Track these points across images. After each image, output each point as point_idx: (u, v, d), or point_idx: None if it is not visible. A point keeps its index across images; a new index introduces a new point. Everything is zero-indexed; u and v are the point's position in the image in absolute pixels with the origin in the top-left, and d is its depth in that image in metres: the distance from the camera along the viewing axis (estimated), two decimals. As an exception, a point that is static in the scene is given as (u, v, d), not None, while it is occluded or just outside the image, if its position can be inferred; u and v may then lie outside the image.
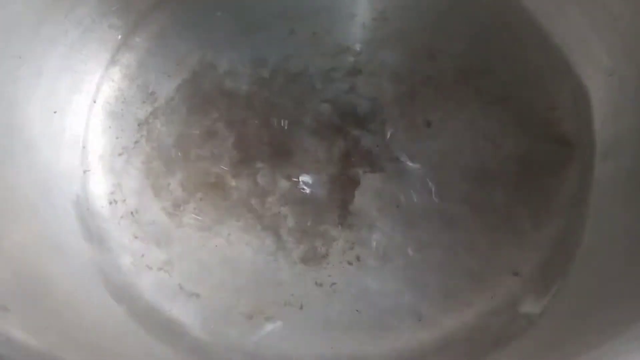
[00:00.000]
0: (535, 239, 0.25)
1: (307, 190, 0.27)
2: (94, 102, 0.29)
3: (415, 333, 0.23)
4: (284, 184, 0.27)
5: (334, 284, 0.25)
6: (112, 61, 0.30)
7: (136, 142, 0.28)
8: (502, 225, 0.25)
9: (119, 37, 0.30)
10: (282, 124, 0.29)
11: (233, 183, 0.27)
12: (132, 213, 0.26)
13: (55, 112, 0.27)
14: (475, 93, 0.29)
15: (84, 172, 0.27)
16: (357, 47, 0.31)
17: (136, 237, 0.25)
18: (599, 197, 0.25)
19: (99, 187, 0.27)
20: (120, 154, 0.28)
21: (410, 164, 0.27)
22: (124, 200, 0.27)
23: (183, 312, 0.24)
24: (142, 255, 0.25)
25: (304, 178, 0.27)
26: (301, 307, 0.24)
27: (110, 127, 0.29)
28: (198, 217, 0.26)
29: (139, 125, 0.29)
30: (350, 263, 0.25)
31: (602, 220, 0.25)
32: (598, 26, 0.26)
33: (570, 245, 0.25)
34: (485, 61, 0.30)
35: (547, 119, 0.28)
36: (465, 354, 0.22)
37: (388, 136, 0.28)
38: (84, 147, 0.28)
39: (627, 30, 0.25)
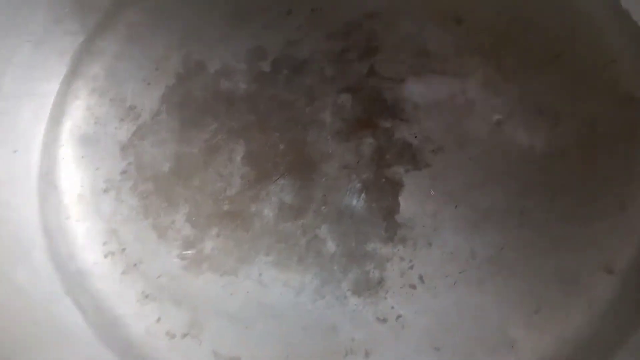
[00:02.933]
0: (624, 221, 0.21)
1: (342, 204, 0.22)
2: (60, 128, 0.23)
3: (510, 364, 0.19)
4: (313, 200, 0.22)
5: (399, 316, 0.20)
6: (74, 74, 0.24)
7: (123, 172, 0.23)
8: (581, 213, 0.21)
9: (78, 43, 0.24)
10: (297, 126, 0.24)
11: (252, 208, 0.22)
12: (135, 265, 0.21)
13: (15, 152, 0.21)
14: (520, 56, 0.24)
15: (66, 219, 0.21)
16: (369, 20, 0.26)
17: (146, 296, 0.20)
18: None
19: (88, 238, 0.21)
20: (105, 190, 0.22)
21: (459, 152, 0.23)
22: (123, 250, 0.21)
23: (224, 385, 0.19)
24: (159, 320, 0.20)
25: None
26: (367, 355, 0.20)
27: (83, 156, 0.23)
28: (219, 259, 0.21)
29: (121, 149, 0.23)
30: (413, 287, 0.21)
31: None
32: None
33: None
34: (526, 17, 0.25)
35: (606, 76, 0.24)
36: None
37: (426, 124, 0.24)
38: (56, 187, 0.22)
39: None
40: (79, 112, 0.24)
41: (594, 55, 0.24)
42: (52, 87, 0.24)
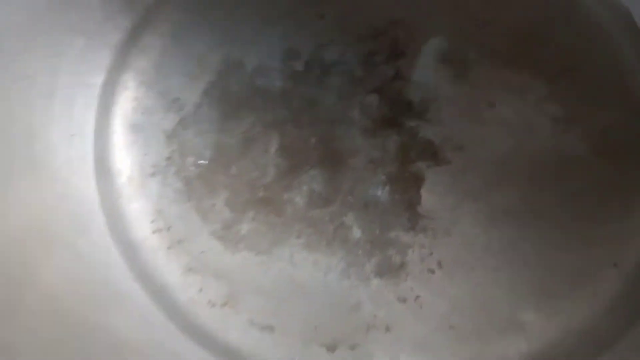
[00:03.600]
0: (630, 224, 0.23)
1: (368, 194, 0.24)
2: (112, 116, 0.25)
3: (519, 345, 0.21)
4: (341, 190, 0.24)
5: (418, 297, 0.22)
6: (123, 67, 0.26)
7: (168, 158, 0.25)
8: (591, 214, 0.23)
9: (127, 38, 0.27)
10: (327, 123, 0.26)
11: (285, 196, 0.24)
12: (179, 242, 0.23)
13: (72, 135, 0.23)
14: (537, 66, 0.26)
15: (118, 198, 0.23)
16: (395, 24, 0.28)
17: (190, 269, 0.22)
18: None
19: (138, 217, 0.23)
20: (152, 174, 0.24)
21: (479, 151, 0.25)
22: (169, 229, 0.23)
23: (260, 350, 0.21)
24: (200, 290, 0.22)
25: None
26: (387, 329, 0.21)
27: (133, 143, 0.25)
28: (254, 240, 0.23)
29: (167, 137, 0.25)
30: (431, 271, 0.22)
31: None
32: None
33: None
34: (544, 27, 0.27)
35: (621, 86, 0.25)
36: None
37: (448, 123, 0.26)
38: (109, 170, 0.24)
39: None
40: (128, 102, 0.26)
41: (609, 67, 0.26)
42: (103, 79, 0.26)
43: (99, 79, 0.26)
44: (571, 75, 0.26)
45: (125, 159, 0.25)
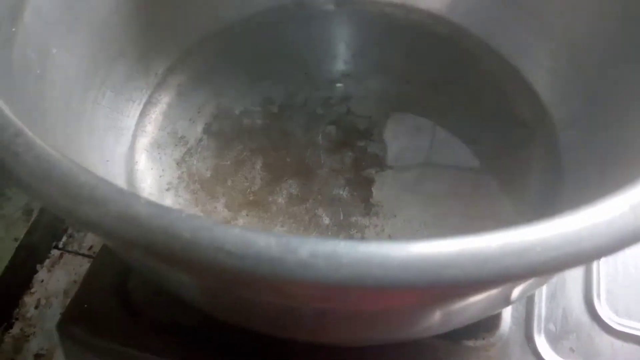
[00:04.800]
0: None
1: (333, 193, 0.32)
2: (135, 150, 0.33)
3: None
4: (312, 192, 0.32)
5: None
6: (143, 115, 0.35)
7: (179, 177, 0.32)
8: (493, 195, 0.32)
9: (146, 95, 0.35)
10: (298, 147, 0.34)
11: (270, 198, 0.32)
12: (191, 234, 0.30)
13: (107, 161, 0.31)
14: (450, 102, 0.36)
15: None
16: (345, 78, 0.38)
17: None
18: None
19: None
20: (167, 189, 0.32)
21: (411, 158, 0.33)
22: (182, 225, 0.30)
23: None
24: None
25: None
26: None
27: (152, 168, 0.33)
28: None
29: (177, 164, 0.33)
30: (384, 242, 0.30)
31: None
32: (539, 38, 0.35)
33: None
34: (453, 78, 0.37)
35: (508, 111, 0.35)
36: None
37: (388, 142, 0.35)
38: (135, 188, 0.31)
39: (560, 36, 0.34)
40: (147, 140, 0.34)
41: (499, 101, 0.36)
42: (128, 124, 0.34)
43: (125, 124, 0.34)
44: (474, 108, 0.36)
45: (146, 179, 0.32)
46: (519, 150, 0.34)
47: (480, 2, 0.38)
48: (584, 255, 0.14)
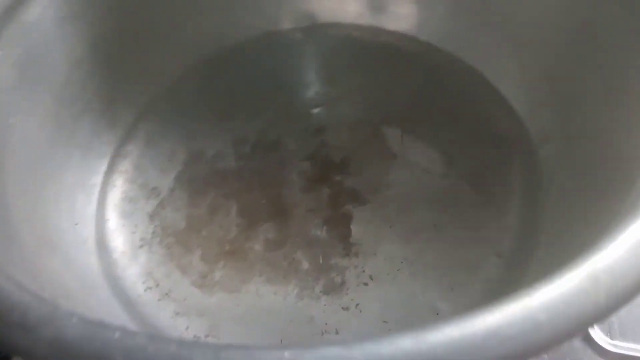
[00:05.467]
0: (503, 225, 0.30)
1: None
2: (106, 207, 0.33)
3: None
4: (289, 234, 0.31)
5: (357, 304, 0.28)
6: (112, 169, 0.34)
7: (152, 232, 0.32)
8: (475, 222, 0.31)
9: (115, 148, 0.35)
10: (273, 187, 0.34)
11: (246, 245, 0.31)
12: (167, 294, 0.29)
13: (77, 224, 0.30)
14: (427, 123, 0.35)
15: (115, 268, 0.30)
16: (317, 109, 0.37)
17: (177, 314, 0.28)
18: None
19: (132, 280, 0.30)
20: (141, 246, 0.31)
21: (389, 191, 0.32)
22: (157, 285, 0.30)
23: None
24: (187, 328, 0.28)
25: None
26: (337, 332, 0.28)
27: (124, 225, 0.32)
28: (226, 282, 0.29)
29: (150, 217, 0.32)
30: (365, 284, 0.29)
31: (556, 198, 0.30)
32: (508, 50, 0.33)
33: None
34: (428, 98, 0.36)
35: (486, 129, 0.34)
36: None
37: (364, 174, 0.34)
38: (107, 247, 0.31)
39: (528, 48, 0.33)
40: (117, 195, 0.33)
41: (476, 119, 0.35)
42: (97, 180, 0.33)
43: (94, 181, 0.33)
44: (450, 128, 0.35)
45: (118, 237, 0.31)
46: (499, 169, 0.33)
47: (447, 18, 0.37)
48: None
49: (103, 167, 0.34)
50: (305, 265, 0.30)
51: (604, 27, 0.28)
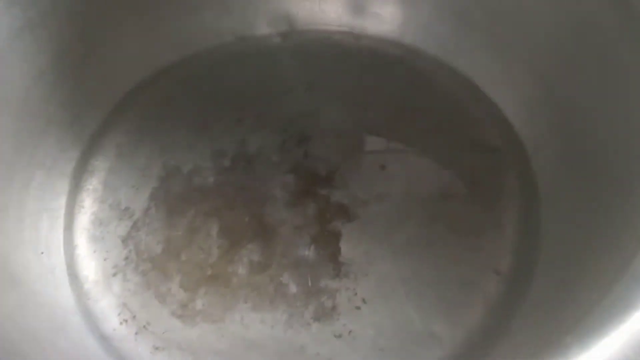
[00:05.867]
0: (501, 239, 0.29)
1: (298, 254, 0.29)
2: (74, 232, 0.30)
3: (435, 352, 0.26)
4: (275, 255, 0.29)
5: (350, 331, 0.27)
6: (79, 188, 0.31)
7: (126, 258, 0.29)
8: (472, 235, 0.29)
9: (78, 165, 0.32)
10: (256, 203, 0.32)
11: (229, 269, 0.29)
12: (145, 327, 0.27)
13: (42, 253, 0.27)
14: (414, 130, 0.33)
15: (87, 300, 0.27)
16: (299, 116, 0.35)
17: (156, 348, 0.26)
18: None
19: (106, 312, 0.27)
20: (114, 274, 0.29)
21: (379, 204, 0.31)
22: (134, 317, 0.27)
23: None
24: (168, 363, 0.26)
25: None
26: (330, 362, 0.26)
27: (95, 251, 0.30)
28: (208, 311, 0.27)
29: (123, 242, 0.30)
30: (358, 307, 0.27)
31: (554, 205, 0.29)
32: (493, 53, 0.32)
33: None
34: (414, 103, 0.35)
35: (475, 136, 0.33)
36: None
37: (352, 187, 0.32)
38: (77, 277, 0.28)
39: (514, 51, 0.32)
40: (86, 217, 0.31)
41: (466, 127, 0.34)
42: (63, 202, 0.31)
43: (59, 203, 0.30)
44: (439, 136, 0.33)
45: (89, 265, 0.29)
46: (493, 178, 0.32)
47: (432, 20, 0.35)
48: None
49: (69, 186, 0.31)
50: (293, 288, 0.28)
51: (595, 28, 0.27)
